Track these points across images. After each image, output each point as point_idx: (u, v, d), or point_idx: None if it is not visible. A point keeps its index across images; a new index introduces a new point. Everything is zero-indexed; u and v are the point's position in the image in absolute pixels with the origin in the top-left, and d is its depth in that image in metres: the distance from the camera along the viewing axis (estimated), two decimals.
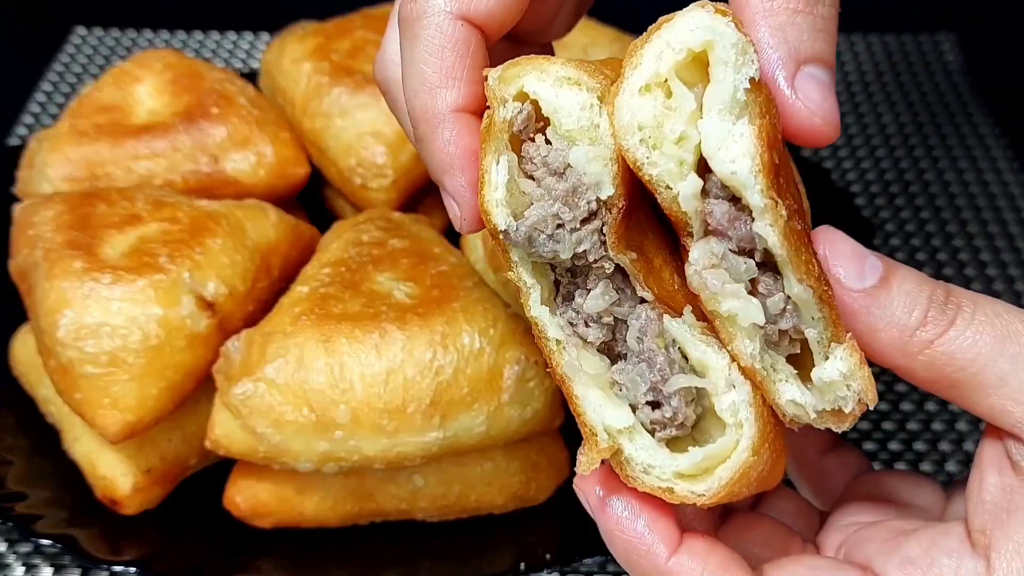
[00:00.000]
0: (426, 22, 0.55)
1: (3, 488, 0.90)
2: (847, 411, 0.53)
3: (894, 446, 1.00)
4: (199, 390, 0.88)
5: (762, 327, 0.51)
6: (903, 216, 1.24)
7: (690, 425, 0.53)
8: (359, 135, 1.06)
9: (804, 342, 0.53)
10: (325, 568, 0.87)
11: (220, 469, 0.91)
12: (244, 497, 0.87)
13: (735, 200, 0.50)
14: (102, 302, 0.84)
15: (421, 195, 1.11)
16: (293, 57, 1.12)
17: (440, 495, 0.88)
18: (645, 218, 0.55)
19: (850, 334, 0.53)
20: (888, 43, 1.50)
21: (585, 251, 0.52)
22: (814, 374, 0.53)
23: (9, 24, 1.57)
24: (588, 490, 0.56)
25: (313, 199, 1.15)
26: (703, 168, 0.50)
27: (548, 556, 0.86)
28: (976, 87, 1.42)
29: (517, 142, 0.53)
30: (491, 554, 0.87)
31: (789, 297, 0.52)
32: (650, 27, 0.51)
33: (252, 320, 0.89)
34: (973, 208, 1.25)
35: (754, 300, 0.51)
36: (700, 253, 0.51)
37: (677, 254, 0.55)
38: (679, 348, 0.53)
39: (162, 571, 0.85)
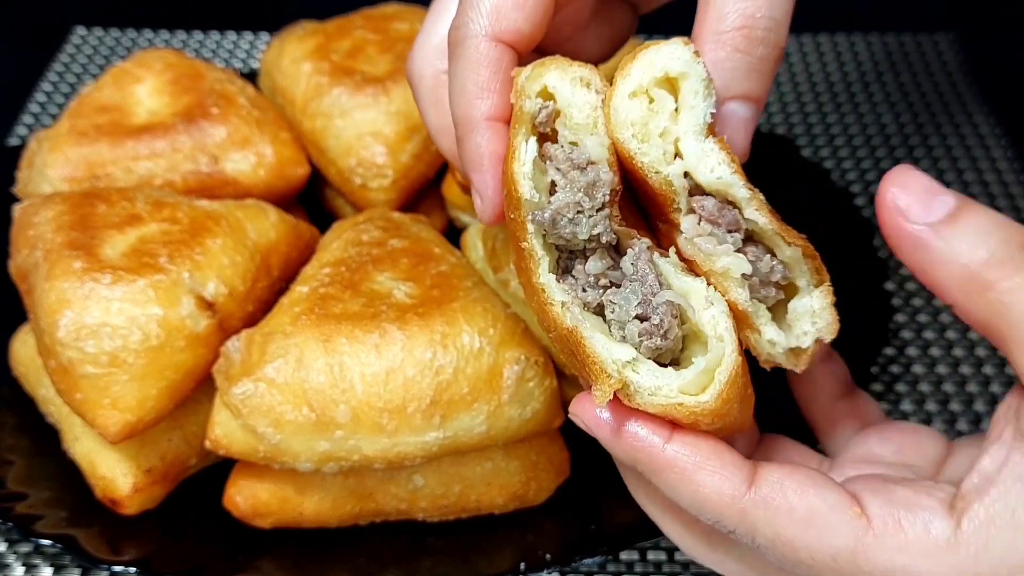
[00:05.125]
0: (467, 43, 0.65)
1: (3, 488, 0.90)
2: (805, 347, 0.63)
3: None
4: (199, 390, 0.88)
5: (749, 277, 0.61)
6: None
7: (672, 339, 0.60)
8: (359, 135, 1.06)
9: (787, 290, 0.64)
10: (325, 568, 0.87)
11: (220, 469, 0.91)
12: (244, 497, 0.87)
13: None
14: (102, 302, 0.84)
15: (421, 195, 1.12)
16: (293, 57, 1.12)
17: (440, 495, 0.88)
18: (626, 203, 0.66)
19: (828, 280, 0.63)
20: (888, 43, 1.50)
21: (599, 233, 0.61)
22: (791, 304, 0.63)
23: (9, 24, 1.57)
24: (584, 412, 0.62)
25: (313, 199, 1.15)
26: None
27: (548, 556, 0.86)
28: (976, 87, 1.42)
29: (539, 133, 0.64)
30: (491, 554, 0.87)
31: (775, 257, 0.62)
32: (637, 47, 0.62)
33: (252, 320, 0.89)
34: None
35: (740, 255, 0.61)
36: (690, 224, 0.61)
37: (649, 229, 0.67)
38: (665, 278, 0.63)
39: (162, 571, 0.85)
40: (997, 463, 0.58)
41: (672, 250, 0.63)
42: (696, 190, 0.61)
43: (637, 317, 0.60)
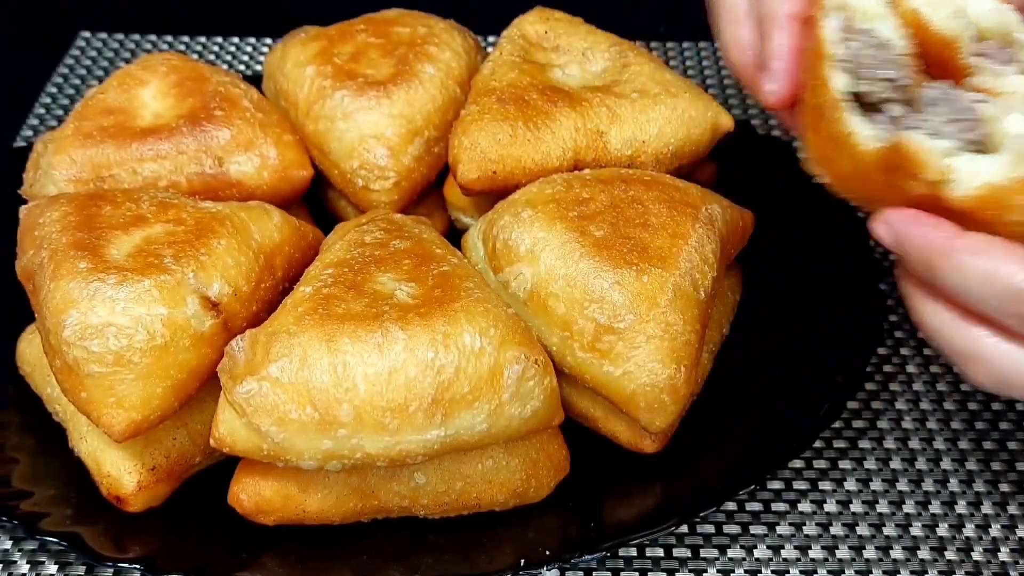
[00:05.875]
0: None
1: (8, 486, 0.91)
2: None
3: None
4: (204, 389, 0.89)
5: None
6: None
7: (986, 134, 0.68)
8: (361, 137, 1.07)
9: None
10: (327, 564, 0.87)
11: (224, 467, 0.92)
12: (248, 495, 0.88)
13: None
14: (107, 302, 0.84)
15: (422, 197, 1.12)
16: (296, 61, 1.13)
17: (441, 492, 0.89)
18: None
19: None
20: None
21: (896, 77, 0.72)
22: None
23: (15, 28, 1.58)
24: (900, 214, 0.69)
25: (316, 201, 1.16)
26: None
27: (548, 553, 0.86)
28: None
29: None
30: (491, 551, 0.88)
31: None
32: None
33: (256, 320, 0.90)
34: None
35: None
36: (976, 60, 0.71)
37: None
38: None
39: (166, 568, 0.86)
40: None
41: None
42: (980, 38, 0.73)
43: (950, 122, 0.68)
